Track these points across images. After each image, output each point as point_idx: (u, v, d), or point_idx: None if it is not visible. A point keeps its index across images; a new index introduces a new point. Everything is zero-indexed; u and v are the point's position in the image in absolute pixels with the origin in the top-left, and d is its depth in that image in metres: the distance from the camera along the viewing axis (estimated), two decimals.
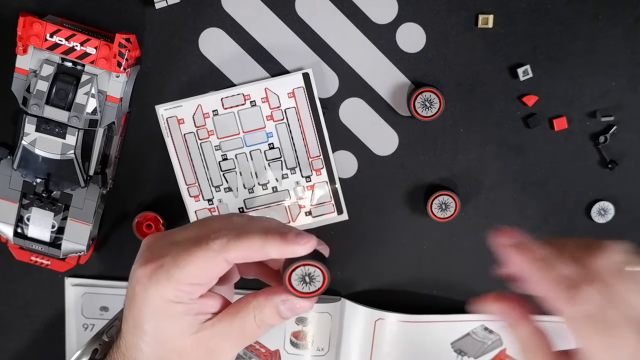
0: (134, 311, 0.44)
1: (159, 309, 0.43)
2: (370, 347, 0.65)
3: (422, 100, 0.60)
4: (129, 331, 0.45)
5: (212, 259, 0.42)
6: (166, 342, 0.44)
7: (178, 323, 0.43)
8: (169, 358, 0.44)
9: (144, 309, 0.43)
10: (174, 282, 0.42)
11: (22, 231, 0.60)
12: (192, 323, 0.44)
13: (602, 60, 0.61)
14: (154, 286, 0.43)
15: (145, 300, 0.43)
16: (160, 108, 0.62)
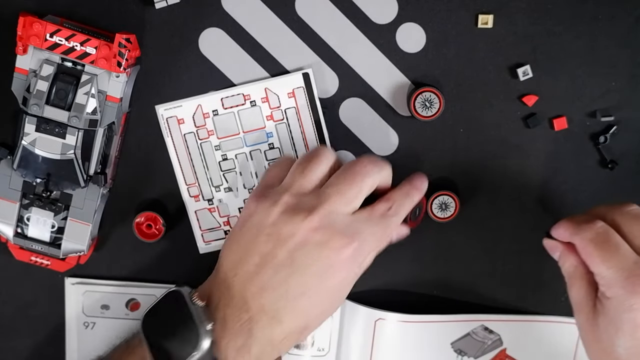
0: (326, 288, 0.52)
1: (353, 276, 0.55)
2: (370, 347, 0.65)
3: (422, 100, 0.60)
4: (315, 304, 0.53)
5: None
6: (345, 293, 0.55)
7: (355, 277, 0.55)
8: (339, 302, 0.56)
9: (343, 281, 0.54)
10: (368, 257, 0.55)
11: (22, 231, 0.60)
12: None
13: (602, 60, 0.61)
14: (356, 265, 0.54)
15: (347, 275, 0.54)
16: (160, 108, 0.62)
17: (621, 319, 0.48)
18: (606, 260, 0.49)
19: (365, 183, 0.54)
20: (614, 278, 0.48)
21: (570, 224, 0.52)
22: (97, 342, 0.64)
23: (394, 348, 0.65)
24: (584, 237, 0.50)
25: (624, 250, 0.49)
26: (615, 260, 0.49)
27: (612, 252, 0.49)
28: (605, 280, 0.49)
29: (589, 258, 0.50)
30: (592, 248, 0.50)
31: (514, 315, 0.65)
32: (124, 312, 0.65)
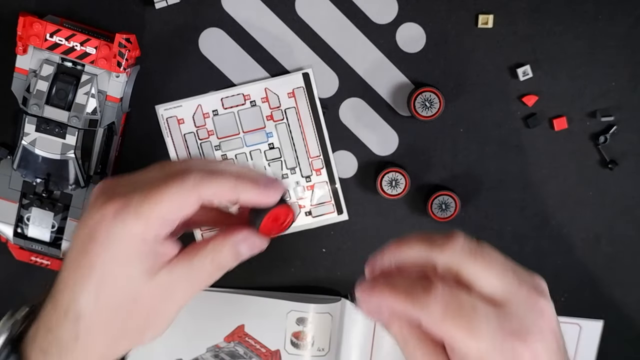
0: (90, 253, 0.42)
1: (121, 249, 0.41)
2: (370, 347, 0.65)
3: (422, 100, 0.60)
4: (78, 278, 0.42)
5: (187, 194, 0.41)
6: (122, 287, 0.42)
7: (138, 266, 0.42)
8: (122, 306, 0.42)
9: (105, 249, 0.41)
10: (145, 217, 0.41)
11: (22, 231, 0.60)
12: (151, 266, 0.42)
13: (602, 60, 0.61)
14: (121, 224, 0.41)
15: (106, 240, 0.41)
16: (160, 108, 0.62)
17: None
18: (472, 331, 0.38)
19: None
20: (487, 348, 0.38)
21: (400, 297, 0.40)
22: None
23: (394, 348, 0.65)
24: (433, 314, 0.39)
25: (482, 309, 0.39)
26: (482, 328, 0.38)
27: (473, 318, 0.38)
28: (476, 355, 0.38)
29: (449, 336, 0.39)
30: (450, 323, 0.38)
31: None
32: None
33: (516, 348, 0.38)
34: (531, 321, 0.39)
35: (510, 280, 0.40)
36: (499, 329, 0.38)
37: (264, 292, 0.65)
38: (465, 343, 0.38)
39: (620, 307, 0.66)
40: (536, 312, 0.40)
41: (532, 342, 0.39)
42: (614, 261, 0.65)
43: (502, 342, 0.38)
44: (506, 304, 0.39)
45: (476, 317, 0.38)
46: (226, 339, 0.65)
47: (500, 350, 0.38)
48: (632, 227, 0.64)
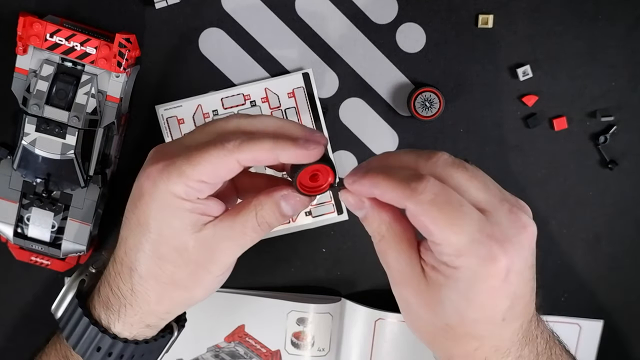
0: (140, 208, 0.44)
1: (166, 204, 0.43)
2: (370, 347, 0.65)
3: (422, 100, 0.60)
4: (131, 232, 0.45)
5: (225, 158, 0.42)
6: (169, 238, 0.44)
7: (183, 219, 0.44)
8: (169, 256, 0.44)
9: (152, 204, 0.44)
10: (185, 177, 0.42)
11: (22, 231, 0.60)
12: (196, 221, 0.44)
13: (602, 60, 0.61)
14: (165, 181, 0.43)
15: (153, 194, 0.44)
16: (160, 108, 0.62)
17: (475, 290, 0.40)
18: (454, 224, 0.39)
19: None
20: (465, 244, 0.39)
21: (392, 183, 0.40)
22: None
23: (394, 348, 0.65)
24: (422, 200, 0.39)
25: (468, 209, 0.39)
26: (464, 224, 0.39)
27: (458, 214, 0.39)
28: (453, 248, 0.39)
29: (432, 224, 0.39)
30: (436, 212, 0.39)
31: None
32: None
33: (493, 251, 0.39)
34: (513, 233, 0.40)
35: (494, 193, 0.41)
36: (480, 230, 0.39)
37: (264, 292, 0.65)
38: (445, 235, 0.39)
39: (620, 307, 0.66)
40: (518, 226, 0.40)
41: (510, 250, 0.39)
42: (614, 261, 0.65)
43: (481, 242, 0.39)
44: (489, 213, 0.40)
45: (461, 212, 0.39)
46: (226, 339, 0.65)
47: (477, 250, 0.39)
48: (632, 227, 0.64)
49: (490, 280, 0.40)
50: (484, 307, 0.41)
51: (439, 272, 0.41)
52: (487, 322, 0.41)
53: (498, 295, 0.40)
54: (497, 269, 0.39)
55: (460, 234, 0.39)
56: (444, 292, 0.41)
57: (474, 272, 0.39)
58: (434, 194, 0.39)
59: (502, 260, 0.39)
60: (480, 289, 0.40)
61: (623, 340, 0.67)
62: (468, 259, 0.39)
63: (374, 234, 0.43)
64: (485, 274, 0.39)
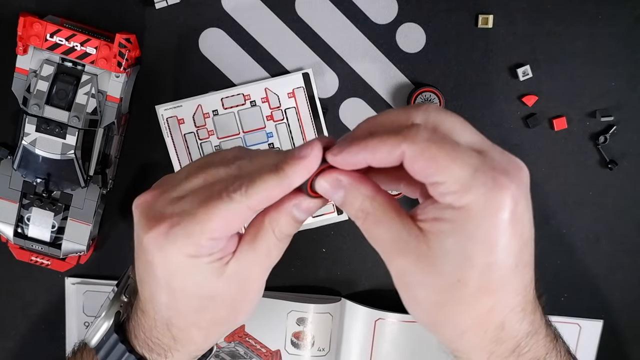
0: (154, 273, 0.42)
1: (180, 267, 0.41)
2: (370, 347, 0.65)
3: (422, 101, 0.60)
4: (154, 293, 0.43)
5: (237, 210, 0.39)
6: (197, 292, 0.42)
7: (204, 273, 0.41)
8: (203, 306, 0.43)
9: (167, 269, 0.41)
10: (195, 238, 0.40)
11: (22, 231, 0.60)
12: (218, 268, 0.42)
13: (602, 60, 0.61)
14: (173, 244, 0.40)
15: (166, 260, 0.41)
16: (160, 108, 0.62)
17: (486, 225, 0.37)
18: (456, 158, 0.36)
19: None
20: (471, 176, 0.36)
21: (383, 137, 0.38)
22: None
23: (394, 348, 0.65)
24: (420, 140, 0.37)
25: (465, 147, 0.38)
26: (465, 156, 0.37)
27: (458, 148, 0.37)
28: (459, 183, 0.36)
29: (433, 161, 0.36)
30: (435, 149, 0.36)
31: None
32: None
33: (500, 179, 0.37)
34: (511, 167, 0.38)
35: (484, 139, 0.39)
36: (481, 163, 0.37)
37: (264, 292, 0.65)
38: (448, 170, 0.36)
39: (620, 307, 0.66)
40: (514, 165, 0.38)
41: (514, 180, 0.37)
42: (614, 261, 0.65)
43: (485, 172, 0.37)
44: (485, 152, 0.38)
45: (459, 148, 0.37)
46: (226, 339, 0.65)
47: (483, 180, 0.36)
48: (632, 227, 0.64)
49: (501, 213, 0.37)
50: (497, 246, 0.37)
51: (443, 220, 0.37)
52: (500, 267, 0.37)
53: (509, 233, 0.37)
54: (506, 197, 0.37)
55: (463, 166, 0.36)
56: (450, 241, 0.37)
57: (482, 205, 0.36)
58: (429, 133, 0.37)
59: (510, 188, 0.37)
60: (491, 224, 0.37)
61: (622, 340, 0.67)
62: (475, 191, 0.36)
63: (358, 213, 0.40)
64: (495, 205, 0.37)
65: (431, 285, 0.38)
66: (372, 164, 0.38)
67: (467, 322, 0.39)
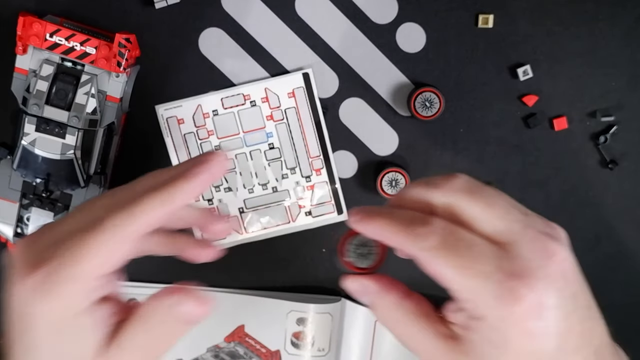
0: (23, 338, 0.36)
1: (59, 326, 0.35)
2: (370, 347, 0.65)
3: (422, 100, 0.60)
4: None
5: (113, 239, 0.36)
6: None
7: (85, 340, 0.36)
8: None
9: (38, 330, 0.35)
10: (80, 280, 0.35)
11: (22, 231, 0.60)
12: (100, 339, 0.36)
13: (602, 60, 0.61)
14: (48, 297, 0.35)
15: (38, 319, 0.35)
16: (160, 108, 0.62)
17: (510, 337, 0.34)
18: (466, 267, 0.34)
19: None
20: (483, 288, 0.34)
21: (395, 228, 0.37)
22: None
23: (394, 348, 0.65)
24: (428, 246, 0.35)
25: (481, 247, 0.35)
26: (477, 264, 0.34)
27: (469, 255, 0.35)
28: (471, 295, 0.35)
29: (443, 270, 0.35)
30: (444, 257, 0.35)
31: None
32: None
33: (517, 290, 0.34)
34: (538, 265, 0.34)
35: (515, 219, 0.36)
36: (497, 269, 0.34)
37: (264, 292, 0.65)
38: (459, 280, 0.35)
39: (620, 307, 0.66)
40: (544, 256, 0.35)
41: (536, 285, 0.34)
42: (614, 261, 0.65)
43: (500, 282, 0.34)
44: (509, 246, 0.35)
45: (471, 253, 0.35)
46: (226, 339, 0.65)
47: (498, 292, 0.34)
48: (632, 227, 0.64)
49: (522, 324, 0.34)
50: (528, 354, 0.35)
51: (470, 329, 0.35)
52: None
53: (538, 338, 0.35)
54: (525, 308, 0.34)
55: (474, 277, 0.34)
56: (480, 350, 0.35)
57: (500, 317, 0.34)
58: (441, 237, 0.35)
59: (528, 298, 0.34)
60: (515, 335, 0.34)
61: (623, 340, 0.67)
62: (490, 304, 0.34)
63: (388, 319, 0.39)
64: (513, 317, 0.34)
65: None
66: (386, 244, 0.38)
67: None
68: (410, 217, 0.36)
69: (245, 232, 0.64)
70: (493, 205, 0.36)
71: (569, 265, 0.36)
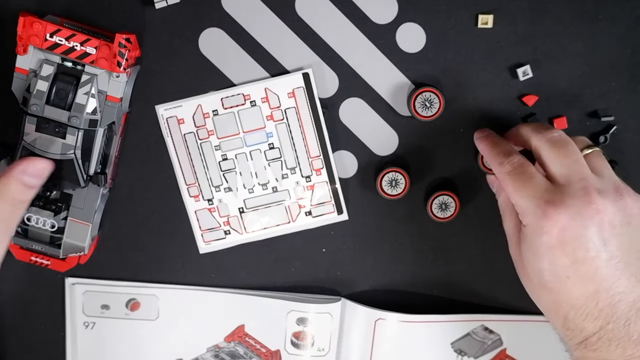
0: None
1: None
2: (370, 347, 0.65)
3: (422, 100, 0.60)
4: None
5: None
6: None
7: None
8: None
9: None
10: None
11: (22, 231, 0.60)
12: None
13: (602, 60, 0.61)
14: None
15: None
16: (160, 108, 0.62)
17: (537, 243, 0.50)
18: (519, 190, 0.51)
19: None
20: (527, 206, 0.51)
21: (491, 154, 0.56)
22: (97, 342, 0.65)
23: (394, 348, 0.65)
24: (502, 171, 0.53)
25: (537, 180, 0.51)
26: (527, 190, 0.51)
27: (525, 183, 0.51)
28: (521, 209, 0.52)
29: (507, 190, 0.53)
30: (508, 180, 0.52)
31: (514, 315, 0.65)
32: (124, 312, 0.65)
33: (548, 211, 0.49)
34: (574, 202, 0.49)
35: (576, 171, 0.51)
36: (541, 196, 0.50)
37: (264, 292, 0.65)
38: (515, 198, 0.52)
39: None
40: (584, 201, 0.49)
41: (564, 212, 0.49)
42: None
43: (538, 205, 0.50)
44: (562, 186, 0.50)
45: (527, 182, 0.51)
46: (226, 339, 0.65)
47: (534, 209, 0.50)
48: None
49: (546, 236, 0.49)
50: (546, 259, 0.50)
51: (522, 231, 0.52)
52: (552, 275, 0.50)
53: (555, 250, 0.49)
54: (550, 225, 0.49)
55: (523, 197, 0.51)
56: (523, 247, 0.52)
57: (533, 227, 0.50)
58: (511, 166, 0.53)
59: (553, 218, 0.49)
60: (540, 243, 0.50)
61: None
62: (529, 217, 0.51)
63: (500, 206, 0.57)
64: (541, 229, 0.50)
65: (520, 268, 0.54)
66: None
67: (542, 305, 0.53)
68: (504, 149, 0.55)
69: (245, 232, 0.64)
70: (565, 156, 0.52)
71: (601, 218, 0.49)
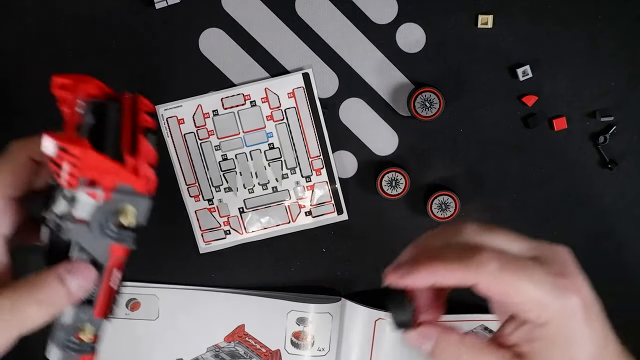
0: None
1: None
2: (370, 347, 0.65)
3: (422, 100, 0.60)
4: None
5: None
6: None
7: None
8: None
9: None
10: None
11: None
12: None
13: (602, 60, 0.61)
14: None
15: None
16: (160, 108, 0.62)
17: (573, 330, 0.39)
18: (528, 280, 0.39)
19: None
20: (544, 291, 0.39)
21: (451, 264, 0.39)
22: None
23: (394, 348, 0.65)
24: (491, 270, 0.38)
25: (528, 262, 0.40)
26: (534, 274, 0.39)
27: (529, 268, 0.39)
28: (538, 302, 0.39)
29: (510, 288, 0.39)
30: (509, 275, 0.38)
31: None
32: (124, 312, 0.65)
33: (566, 285, 0.39)
34: (563, 266, 0.40)
35: (530, 241, 0.41)
36: (546, 274, 0.39)
37: (264, 292, 0.65)
38: (525, 292, 0.38)
39: (620, 307, 0.66)
40: (564, 261, 0.40)
41: (577, 278, 0.40)
42: (614, 261, 0.65)
43: (553, 283, 0.39)
44: (539, 258, 0.40)
45: (528, 266, 0.39)
46: (226, 338, 0.65)
47: (555, 291, 0.39)
48: (632, 227, 0.64)
49: (579, 313, 0.39)
50: (588, 341, 0.40)
51: (536, 339, 0.40)
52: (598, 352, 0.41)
53: (593, 324, 0.41)
54: (578, 298, 0.40)
55: (537, 285, 0.38)
56: (547, 355, 0.39)
57: (562, 315, 0.39)
58: (499, 259, 0.39)
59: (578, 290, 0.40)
60: (577, 328, 0.39)
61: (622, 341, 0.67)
62: (553, 306, 0.39)
63: (456, 357, 0.41)
64: (570, 311, 0.39)
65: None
66: (437, 286, 0.40)
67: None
68: (457, 251, 0.40)
69: (245, 232, 0.64)
70: (509, 234, 0.42)
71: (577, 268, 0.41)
